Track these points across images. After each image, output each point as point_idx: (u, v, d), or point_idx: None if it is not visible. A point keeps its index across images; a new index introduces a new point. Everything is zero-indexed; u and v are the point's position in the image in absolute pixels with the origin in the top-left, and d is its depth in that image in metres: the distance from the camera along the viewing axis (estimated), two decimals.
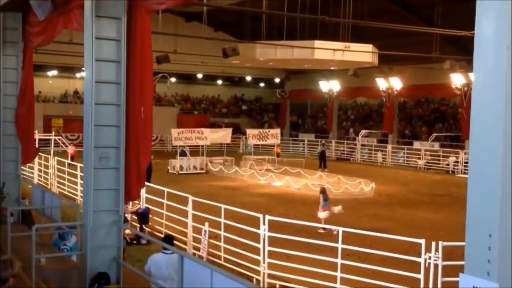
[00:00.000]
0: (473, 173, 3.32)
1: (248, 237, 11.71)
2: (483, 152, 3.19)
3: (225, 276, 5.69)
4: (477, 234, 3.25)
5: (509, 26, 3.00)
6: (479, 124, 3.22)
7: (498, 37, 3.05)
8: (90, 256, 7.16)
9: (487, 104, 3.13)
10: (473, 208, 3.29)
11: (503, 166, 3.09)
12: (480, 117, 3.21)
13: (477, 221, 3.26)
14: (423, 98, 42.44)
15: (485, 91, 3.15)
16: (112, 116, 7.39)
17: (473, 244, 3.31)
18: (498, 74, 3.04)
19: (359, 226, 14.14)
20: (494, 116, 3.10)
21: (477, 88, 3.23)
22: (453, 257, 9.72)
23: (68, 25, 8.74)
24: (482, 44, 3.14)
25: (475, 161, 3.29)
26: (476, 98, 3.23)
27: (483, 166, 3.20)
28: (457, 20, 20.97)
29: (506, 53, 3.00)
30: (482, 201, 3.21)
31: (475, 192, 3.28)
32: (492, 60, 3.08)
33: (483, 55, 3.14)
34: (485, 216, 3.19)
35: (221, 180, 25.98)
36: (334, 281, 9.98)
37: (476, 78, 3.24)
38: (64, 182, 20.17)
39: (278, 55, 26.23)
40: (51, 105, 41.33)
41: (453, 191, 22.92)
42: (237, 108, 51.28)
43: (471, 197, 3.31)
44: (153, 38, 8.01)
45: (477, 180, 3.26)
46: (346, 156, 37.82)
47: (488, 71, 3.12)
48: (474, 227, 3.29)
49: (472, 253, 3.31)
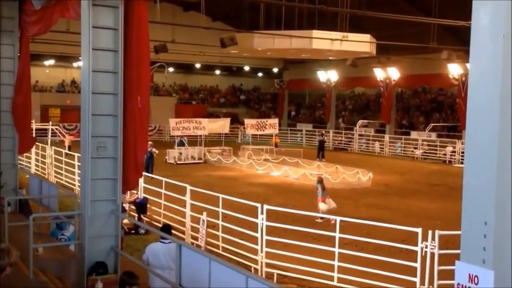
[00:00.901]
0: (469, 161, 3.33)
1: (246, 226, 11.76)
2: (479, 141, 3.21)
3: (223, 265, 5.72)
4: (473, 222, 3.28)
5: (504, 16, 3.01)
6: (475, 112, 3.24)
7: (494, 26, 3.06)
8: (88, 246, 7.18)
9: (484, 93, 3.14)
10: (469, 196, 3.32)
11: (499, 155, 3.11)
12: (477, 105, 3.22)
13: (473, 209, 3.28)
14: (420, 88, 42.42)
15: (481, 80, 3.16)
16: (109, 105, 7.37)
17: (469, 232, 3.33)
18: (494, 63, 3.06)
19: (357, 216, 14.20)
20: (490, 104, 3.11)
21: (474, 77, 3.24)
22: (450, 246, 9.80)
23: (65, 13, 8.68)
24: (479, 33, 3.15)
25: (471, 149, 3.30)
26: (473, 86, 3.24)
27: (479, 155, 3.22)
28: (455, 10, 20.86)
29: (502, 42, 3.00)
30: (478, 189, 3.24)
31: (471, 180, 3.30)
32: (488, 49, 3.09)
33: (480, 44, 3.15)
34: (481, 204, 3.22)
35: (219, 170, 26.01)
36: (331, 270, 10.04)
37: (472, 67, 3.24)
38: (61, 172, 20.17)
39: (276, 44, 26.16)
40: (48, 95, 41.19)
41: (450, 181, 22.99)
42: (235, 98, 51.22)
43: (467, 185, 3.33)
44: (151, 28, 7.98)
45: (473, 168, 3.28)
46: (343, 146, 37.88)
47: (485, 60, 3.13)
48: (470, 215, 3.31)
49: (468, 241, 3.34)
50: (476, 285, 3.26)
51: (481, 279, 3.23)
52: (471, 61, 3.23)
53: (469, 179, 3.31)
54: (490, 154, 3.13)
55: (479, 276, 3.24)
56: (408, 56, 32.78)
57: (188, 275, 6.12)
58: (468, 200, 3.32)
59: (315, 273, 10.10)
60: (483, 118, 3.15)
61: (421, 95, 42.79)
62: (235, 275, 5.33)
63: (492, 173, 3.12)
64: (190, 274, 6.10)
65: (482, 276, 3.23)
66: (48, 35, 14.07)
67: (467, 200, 3.33)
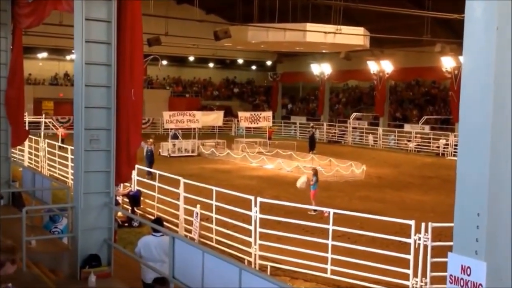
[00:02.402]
0: (462, 152, 3.34)
1: (239, 219, 11.78)
2: (472, 132, 3.21)
3: (217, 257, 5.73)
4: (466, 213, 3.29)
5: (498, 8, 3.01)
6: (468, 103, 3.24)
7: (487, 18, 3.05)
8: (81, 238, 7.16)
9: (477, 84, 3.15)
10: (461, 187, 3.33)
11: (491, 146, 3.12)
12: (470, 96, 3.22)
13: (466, 200, 3.29)
14: (414, 81, 42.52)
15: (474, 71, 3.17)
16: (102, 98, 7.33)
17: (461, 223, 3.34)
18: (487, 55, 3.06)
19: (351, 208, 14.26)
20: (483, 95, 3.12)
21: (467, 68, 3.24)
22: (442, 238, 9.86)
23: (58, 6, 8.60)
24: (472, 25, 3.15)
25: (464, 141, 3.31)
26: (466, 78, 3.24)
27: (471, 146, 3.22)
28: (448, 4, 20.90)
29: (495, 34, 3.01)
30: (471, 181, 3.25)
31: (464, 171, 3.31)
32: (481, 41, 3.09)
33: (473, 36, 3.15)
34: (473, 195, 3.23)
35: (213, 163, 26.00)
36: (325, 262, 10.09)
37: (465, 59, 3.24)
38: (55, 164, 20.10)
39: (270, 37, 26.12)
40: (41, 88, 40.95)
41: (443, 173, 23.10)
42: (229, 91, 51.13)
43: (460, 177, 3.34)
44: (144, 20, 7.93)
45: (466, 159, 3.29)
46: (337, 139, 37.94)
47: (478, 52, 3.13)
48: (463, 206, 3.32)
49: (460, 232, 3.35)
50: (469, 276, 3.27)
51: (474, 270, 3.24)
52: (464, 53, 3.23)
53: (462, 170, 3.31)
54: (483, 146, 3.14)
55: (471, 267, 3.25)
56: (402, 49, 32.82)
57: (181, 267, 6.12)
58: (460, 192, 3.33)
59: (308, 265, 10.14)
60: (476, 109, 3.16)
61: (415, 88, 42.89)
62: (228, 267, 5.34)
63: (485, 164, 3.13)
64: (183, 266, 6.10)
65: (474, 267, 3.24)
66: (41, 28, 13.95)
67: (460, 192, 3.34)
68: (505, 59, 3.03)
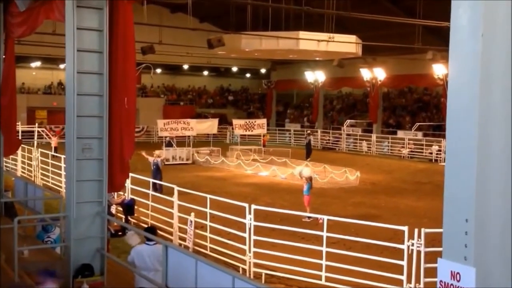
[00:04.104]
0: (450, 159, 3.37)
1: (234, 226, 11.76)
2: (459, 138, 3.25)
3: (210, 265, 5.73)
4: (454, 219, 3.32)
5: (483, 15, 3.05)
6: (455, 110, 3.28)
7: (473, 25, 3.10)
8: (74, 248, 7.15)
9: (463, 90, 3.19)
10: (449, 193, 3.36)
11: (478, 153, 3.15)
12: (456, 103, 3.26)
13: (454, 206, 3.32)
14: (406, 88, 42.70)
15: (460, 78, 3.21)
16: (94, 106, 7.34)
17: (450, 230, 3.37)
18: (473, 61, 3.10)
19: (345, 214, 14.27)
20: (469, 102, 3.15)
21: (453, 75, 3.29)
22: (436, 244, 9.85)
23: (50, 15, 8.63)
24: (458, 33, 3.20)
25: (452, 147, 3.34)
26: (452, 85, 3.28)
27: (459, 152, 3.26)
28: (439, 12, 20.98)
29: (481, 41, 3.05)
30: (458, 187, 3.27)
31: (452, 178, 3.34)
32: (467, 47, 3.14)
33: (459, 43, 3.20)
34: (462, 202, 3.25)
35: (208, 170, 25.97)
36: (319, 269, 10.08)
37: (452, 65, 3.29)
38: (48, 174, 20.02)
39: (263, 45, 26.21)
40: (34, 97, 40.82)
41: (436, 179, 23.15)
42: (223, 99, 51.16)
43: (448, 183, 3.37)
44: (138, 29, 7.97)
45: (454, 166, 3.32)
46: (331, 146, 38.02)
47: (463, 58, 3.17)
48: (451, 213, 3.35)
49: (449, 238, 3.38)
50: (458, 282, 3.29)
51: (463, 276, 3.26)
52: (450, 59, 3.28)
53: (450, 177, 3.35)
54: (470, 153, 3.17)
55: (461, 273, 3.28)
56: (394, 56, 32.99)
57: (174, 276, 6.11)
58: (449, 198, 3.36)
59: (303, 273, 10.13)
60: (463, 116, 3.19)
61: (407, 95, 43.06)
62: (222, 275, 5.34)
63: (472, 170, 3.16)
64: (176, 275, 6.09)
65: (464, 273, 3.26)
66: (34, 37, 13.96)
67: (448, 198, 3.37)
68: (490, 65, 3.07)
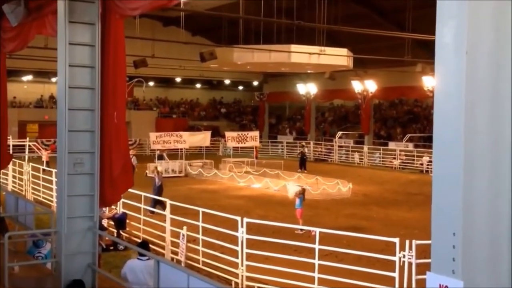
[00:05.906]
0: (437, 173, 3.43)
1: (226, 240, 11.75)
2: (445, 153, 3.30)
3: (202, 280, 5.72)
4: (442, 232, 3.36)
5: (467, 33, 3.13)
6: (441, 125, 3.34)
7: (457, 43, 3.17)
8: (65, 263, 7.11)
9: (449, 106, 3.25)
10: (437, 207, 3.40)
11: (465, 166, 3.20)
12: (443, 118, 3.32)
13: (442, 220, 3.36)
14: (397, 100, 43.04)
15: (446, 95, 3.27)
16: (86, 121, 7.35)
17: (438, 243, 3.41)
18: (458, 78, 3.17)
19: (337, 226, 14.30)
20: (455, 117, 3.21)
21: (438, 91, 3.35)
22: (427, 255, 9.85)
23: (42, 30, 8.67)
24: (442, 50, 3.26)
25: (438, 162, 3.40)
26: (438, 101, 3.34)
27: (445, 167, 3.31)
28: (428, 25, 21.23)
29: (465, 58, 3.12)
30: (446, 201, 3.32)
31: (439, 191, 3.39)
32: (451, 65, 3.20)
33: (444, 60, 3.26)
34: (449, 215, 3.30)
35: (200, 183, 25.93)
36: (312, 281, 10.07)
37: (437, 82, 3.35)
38: (39, 188, 19.90)
39: (255, 58, 26.37)
40: (26, 110, 40.67)
41: (427, 190, 22.87)
42: (215, 111, 51.22)
43: (436, 196, 3.42)
44: (131, 43, 8.03)
45: (440, 179, 3.36)
46: (324, 157, 38.12)
47: (448, 75, 3.24)
48: (439, 226, 3.40)
49: (437, 252, 3.41)
50: None
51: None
52: (436, 76, 3.34)
53: (437, 190, 3.40)
54: (456, 166, 3.22)
55: (449, 287, 3.31)
56: (384, 69, 33.30)
57: None
58: (436, 211, 3.41)
59: (295, 286, 10.11)
60: (449, 130, 3.25)
61: (398, 106, 43.38)
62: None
63: (459, 183, 3.21)
64: None
65: (452, 287, 3.29)
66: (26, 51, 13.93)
67: (436, 211, 3.41)
68: (474, 82, 3.14)
